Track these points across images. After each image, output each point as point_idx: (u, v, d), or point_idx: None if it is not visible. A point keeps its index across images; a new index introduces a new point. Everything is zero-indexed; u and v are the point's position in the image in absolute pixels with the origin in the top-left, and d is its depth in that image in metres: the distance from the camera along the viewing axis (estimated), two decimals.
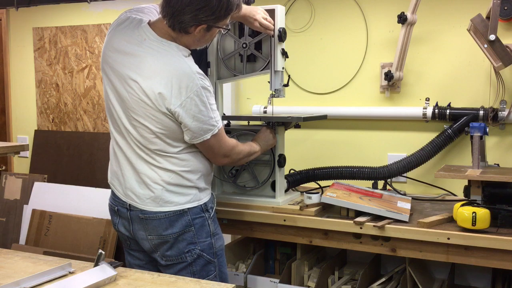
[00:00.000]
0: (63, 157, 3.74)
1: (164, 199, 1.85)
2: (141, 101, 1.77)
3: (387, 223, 2.07)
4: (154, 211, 1.85)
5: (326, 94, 2.94)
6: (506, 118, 2.48)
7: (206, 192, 1.97)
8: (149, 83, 1.75)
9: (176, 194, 1.86)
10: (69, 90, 3.78)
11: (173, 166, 1.85)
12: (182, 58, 1.79)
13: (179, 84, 1.74)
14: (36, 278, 1.42)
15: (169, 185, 1.85)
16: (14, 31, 3.94)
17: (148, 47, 1.79)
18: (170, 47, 1.79)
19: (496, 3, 2.25)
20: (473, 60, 2.60)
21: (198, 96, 1.76)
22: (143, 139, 1.82)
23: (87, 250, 2.72)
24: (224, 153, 1.94)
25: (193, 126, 1.78)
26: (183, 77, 1.74)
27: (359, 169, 2.51)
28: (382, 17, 2.77)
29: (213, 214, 1.98)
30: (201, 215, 1.90)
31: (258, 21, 2.14)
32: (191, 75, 1.76)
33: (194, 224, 1.88)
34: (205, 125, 1.80)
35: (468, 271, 2.60)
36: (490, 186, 2.09)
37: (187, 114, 1.76)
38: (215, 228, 1.97)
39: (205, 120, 1.79)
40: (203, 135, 1.82)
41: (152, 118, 1.78)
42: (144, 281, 1.46)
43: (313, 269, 2.55)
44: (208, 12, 1.72)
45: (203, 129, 1.80)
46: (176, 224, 1.86)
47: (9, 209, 3.22)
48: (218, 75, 2.38)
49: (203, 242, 1.90)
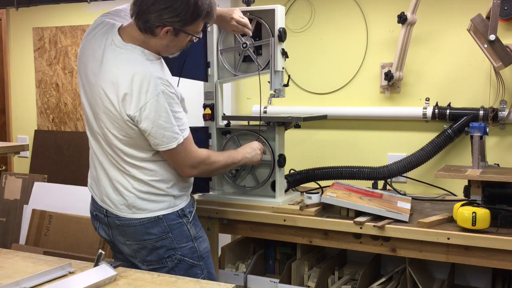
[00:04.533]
0: (63, 157, 3.75)
1: (137, 206, 1.82)
2: (106, 108, 1.75)
3: (387, 223, 2.07)
4: (129, 218, 1.83)
5: (326, 94, 2.94)
6: (506, 118, 2.48)
7: (183, 198, 1.92)
8: (112, 90, 1.72)
9: (149, 202, 1.83)
10: (69, 90, 3.78)
11: (142, 176, 1.82)
12: (145, 62, 1.74)
13: (139, 89, 1.69)
14: (36, 278, 1.42)
15: (141, 193, 1.82)
16: (14, 31, 3.94)
17: (112, 52, 1.75)
18: (134, 52, 1.75)
19: (496, 3, 2.25)
20: (473, 60, 2.60)
21: (158, 102, 1.70)
22: (112, 146, 1.80)
23: (87, 250, 2.72)
24: (191, 164, 1.85)
25: (153, 132, 1.72)
26: (143, 82, 1.69)
27: (359, 169, 2.51)
28: (382, 17, 2.77)
29: (193, 218, 1.93)
30: (178, 221, 1.87)
31: (235, 20, 2.13)
32: (152, 79, 1.70)
33: (171, 230, 1.85)
34: (167, 132, 1.73)
35: (468, 271, 2.60)
36: (490, 186, 2.09)
37: (146, 119, 1.71)
38: (197, 231, 1.93)
39: (167, 127, 1.73)
40: (167, 142, 1.75)
41: (116, 125, 1.75)
42: (144, 281, 1.46)
43: (313, 269, 2.55)
44: (172, 14, 1.69)
45: (166, 137, 1.74)
46: (152, 231, 1.83)
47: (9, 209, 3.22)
48: (218, 75, 2.38)
49: (184, 247, 1.87)
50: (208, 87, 2.39)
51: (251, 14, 2.30)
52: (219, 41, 2.37)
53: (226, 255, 2.58)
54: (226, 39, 2.38)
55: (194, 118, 2.34)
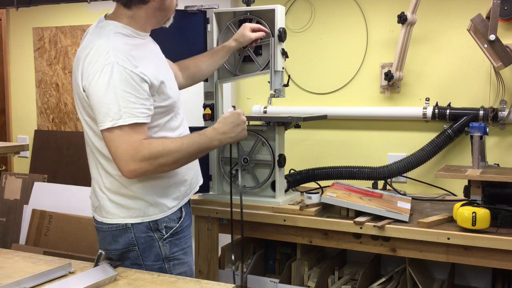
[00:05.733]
0: (63, 157, 3.75)
1: (106, 209, 1.67)
2: (76, 88, 1.63)
3: (387, 223, 2.07)
4: (100, 221, 1.70)
5: (326, 94, 2.94)
6: (506, 118, 2.48)
7: (159, 207, 1.68)
8: (76, 65, 1.61)
9: (117, 206, 1.66)
10: (69, 90, 3.78)
11: (111, 169, 1.63)
12: (110, 35, 1.59)
13: (91, 59, 1.54)
14: (36, 278, 1.42)
15: (111, 194, 1.66)
16: (14, 31, 3.94)
17: (89, 33, 1.68)
18: (106, 27, 1.63)
19: (496, 3, 2.25)
20: (473, 60, 2.60)
21: (103, 73, 1.51)
22: (87, 134, 1.66)
23: (87, 250, 2.72)
24: (131, 157, 1.51)
25: (93, 106, 1.53)
26: (97, 52, 1.54)
27: (359, 169, 2.51)
28: (382, 17, 2.77)
29: (171, 235, 1.71)
30: (148, 234, 1.67)
31: (249, 28, 2.15)
32: (105, 51, 1.53)
33: (138, 244, 1.66)
34: (103, 108, 1.50)
35: (468, 271, 2.60)
36: (490, 186, 2.09)
37: (89, 91, 1.53)
38: (173, 252, 1.71)
39: (104, 103, 1.50)
40: (102, 120, 1.51)
41: (83, 106, 1.62)
42: (144, 281, 1.46)
43: (313, 269, 2.55)
44: None
45: (102, 113, 1.51)
46: (119, 240, 1.66)
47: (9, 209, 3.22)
48: (218, 75, 2.39)
49: (151, 266, 1.67)
50: (208, 87, 2.39)
51: (251, 14, 2.30)
52: (219, 41, 2.37)
53: (226, 255, 2.58)
54: (226, 39, 2.38)
55: (194, 118, 2.35)
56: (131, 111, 1.51)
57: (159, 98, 1.64)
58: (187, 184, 1.79)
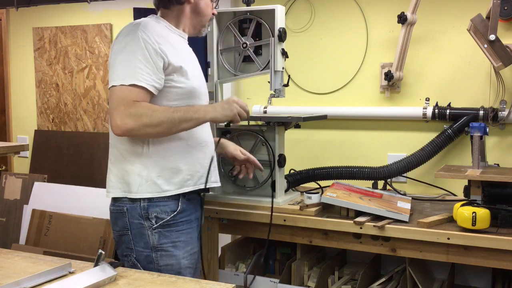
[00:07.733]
0: (63, 157, 3.74)
1: (109, 183, 1.78)
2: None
3: (387, 223, 2.07)
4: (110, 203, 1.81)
5: (326, 94, 2.94)
6: (506, 118, 2.48)
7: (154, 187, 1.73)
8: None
9: (117, 179, 1.75)
10: (69, 90, 3.78)
11: (115, 141, 1.77)
12: (147, 18, 1.76)
13: (122, 30, 1.71)
14: (36, 278, 1.42)
15: (112, 166, 1.76)
16: (14, 31, 3.94)
17: None
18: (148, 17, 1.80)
19: (496, 3, 2.25)
20: (473, 60, 2.60)
21: (124, 38, 1.66)
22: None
23: (87, 250, 2.72)
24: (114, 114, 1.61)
25: (109, 68, 1.69)
26: (129, 25, 1.71)
27: (359, 169, 2.51)
28: (382, 17, 2.77)
29: (161, 226, 1.74)
30: (139, 221, 1.74)
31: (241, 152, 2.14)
32: (137, 24, 1.69)
33: (131, 229, 1.74)
34: (113, 69, 1.65)
35: (468, 271, 2.60)
36: (490, 186, 2.09)
37: (110, 54, 1.71)
38: (162, 243, 1.75)
39: (115, 64, 1.65)
40: (110, 80, 1.66)
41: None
42: (144, 281, 1.46)
43: (313, 269, 2.55)
44: None
45: (111, 74, 1.66)
46: (118, 222, 1.77)
47: (9, 209, 3.22)
48: (218, 75, 2.39)
49: (140, 252, 1.75)
50: (208, 87, 2.38)
51: (251, 14, 2.30)
52: (219, 41, 2.37)
53: (226, 255, 2.58)
54: (226, 39, 2.38)
55: None
56: (135, 75, 1.62)
57: (178, 78, 1.73)
58: (183, 173, 1.80)
